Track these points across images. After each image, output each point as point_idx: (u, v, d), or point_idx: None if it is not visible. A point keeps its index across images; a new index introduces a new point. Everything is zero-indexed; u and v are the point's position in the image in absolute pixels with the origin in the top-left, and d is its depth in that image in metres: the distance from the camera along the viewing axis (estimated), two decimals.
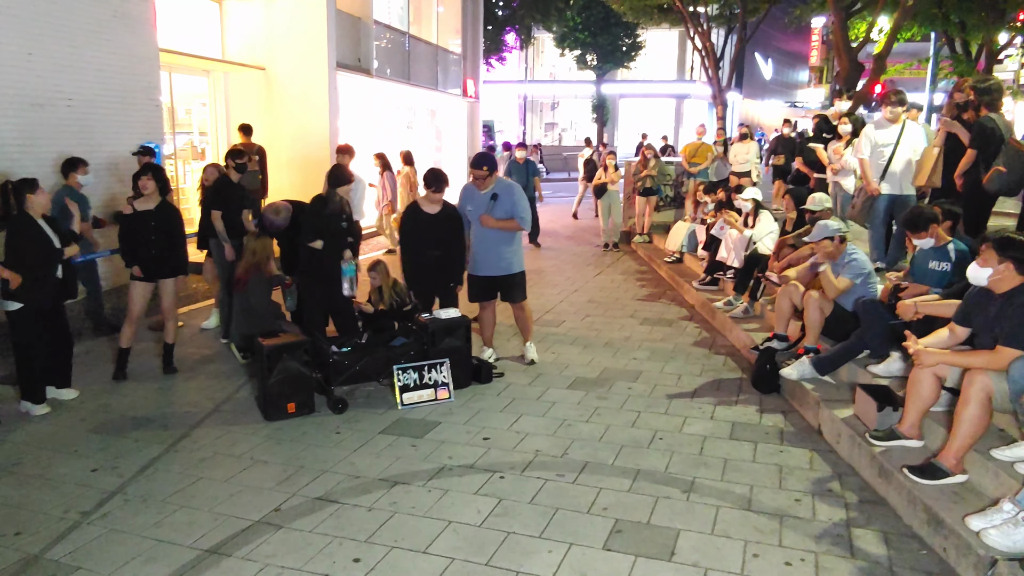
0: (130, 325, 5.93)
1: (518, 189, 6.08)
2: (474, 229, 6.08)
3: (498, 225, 5.93)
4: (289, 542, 3.59)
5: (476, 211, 6.00)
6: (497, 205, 5.93)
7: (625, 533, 3.65)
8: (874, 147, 6.94)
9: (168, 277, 5.99)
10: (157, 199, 5.85)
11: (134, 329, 6.00)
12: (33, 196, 5.08)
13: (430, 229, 5.97)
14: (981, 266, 3.79)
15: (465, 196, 6.14)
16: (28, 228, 5.07)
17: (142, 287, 5.89)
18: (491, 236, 6.02)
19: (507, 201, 5.94)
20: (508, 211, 5.93)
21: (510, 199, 5.95)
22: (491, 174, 6.01)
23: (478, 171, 5.96)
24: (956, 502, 3.54)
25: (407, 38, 16.94)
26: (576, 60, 34.80)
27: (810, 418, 5.03)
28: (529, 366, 6.26)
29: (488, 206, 5.94)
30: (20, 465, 4.42)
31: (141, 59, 8.56)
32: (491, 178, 6.02)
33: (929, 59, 22.91)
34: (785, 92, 51.77)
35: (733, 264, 7.87)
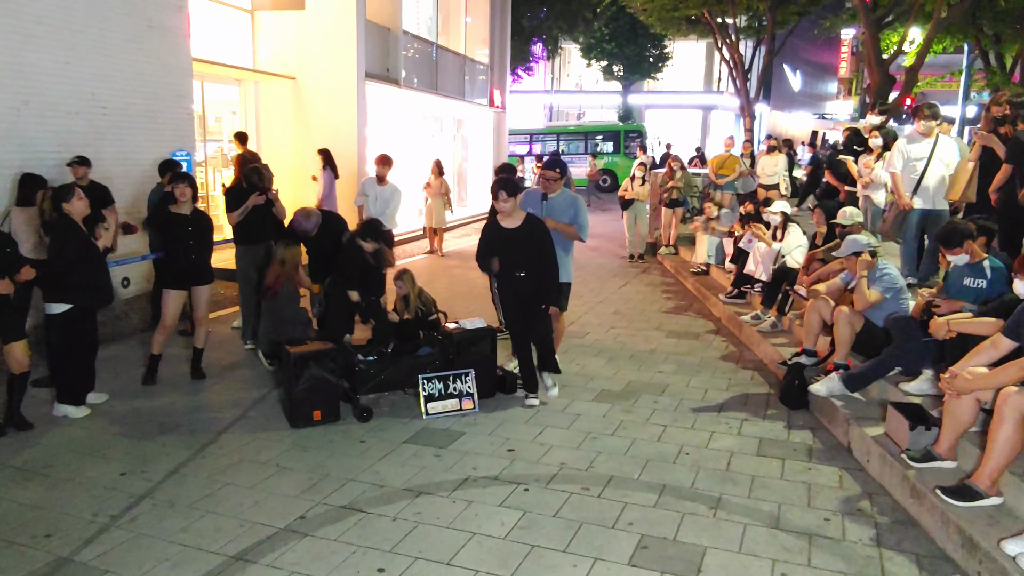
0: (163, 332, 6.01)
1: (581, 201, 6.06)
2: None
3: (557, 226, 5.78)
4: (314, 550, 3.60)
5: (535, 213, 5.93)
6: (554, 208, 5.86)
7: (651, 549, 3.61)
8: (907, 161, 6.85)
9: (203, 284, 6.05)
10: (191, 206, 5.92)
11: (167, 336, 6.08)
12: (69, 204, 5.18)
13: (513, 247, 5.40)
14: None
15: (526, 201, 6.00)
16: (72, 231, 5.18)
17: (177, 295, 5.95)
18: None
19: (568, 208, 5.88)
20: (570, 219, 5.87)
21: (573, 207, 5.90)
22: (562, 177, 5.99)
23: (550, 172, 5.91)
24: (991, 525, 3.46)
25: (435, 48, 17.06)
26: (603, 71, 34.83)
27: (839, 435, 4.95)
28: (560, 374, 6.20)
29: (542, 206, 5.87)
30: (52, 468, 4.48)
31: (174, 68, 8.69)
32: (561, 182, 5.98)
33: (962, 71, 22.61)
34: (814, 104, 51.32)
35: (761, 277, 7.79)
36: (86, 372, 5.43)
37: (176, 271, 5.90)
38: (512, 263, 5.43)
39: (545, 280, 5.45)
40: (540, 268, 5.41)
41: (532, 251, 5.36)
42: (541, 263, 5.41)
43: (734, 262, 8.93)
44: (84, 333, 5.30)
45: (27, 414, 5.13)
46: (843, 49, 47.96)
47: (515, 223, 5.41)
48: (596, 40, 33.60)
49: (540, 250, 5.40)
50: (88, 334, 5.40)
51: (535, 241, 5.38)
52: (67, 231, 5.14)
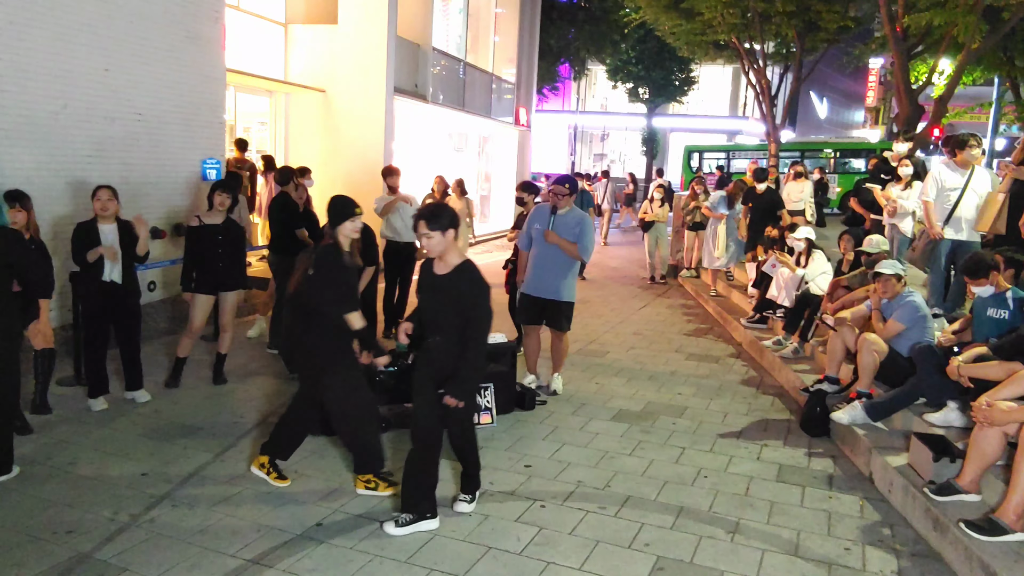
0: (190, 336, 6.09)
1: (589, 221, 6.07)
2: (534, 250, 6.08)
3: (559, 242, 5.83)
4: (330, 557, 3.61)
5: (541, 229, 5.96)
6: (561, 225, 5.89)
7: (667, 571, 3.58)
8: (940, 190, 6.77)
9: (231, 290, 6.14)
10: (224, 214, 6.02)
11: (193, 340, 6.16)
12: (93, 203, 5.42)
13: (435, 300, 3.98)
14: None
15: (535, 215, 6.12)
16: (80, 234, 5.36)
17: (205, 299, 6.04)
18: (549, 258, 5.96)
19: (575, 226, 5.90)
20: (575, 236, 5.90)
21: (579, 226, 5.91)
22: (572, 194, 6.00)
23: (560, 187, 5.94)
24: (1016, 561, 3.40)
25: (463, 65, 17.23)
26: (628, 93, 34.93)
27: (861, 465, 4.89)
28: (558, 395, 6.20)
29: (550, 220, 5.91)
30: (75, 465, 4.54)
31: (209, 78, 8.86)
32: (571, 198, 6.00)
33: (991, 104, 22.42)
34: (840, 132, 51.08)
35: (784, 303, 7.75)
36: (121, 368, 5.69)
37: (205, 277, 5.99)
38: (431, 322, 3.96)
39: (463, 355, 3.76)
40: (460, 336, 3.78)
41: (453, 309, 3.82)
42: (464, 329, 3.77)
43: (757, 287, 8.88)
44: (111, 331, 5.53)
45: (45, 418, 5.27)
46: (871, 78, 47.78)
47: (444, 268, 3.88)
48: (623, 62, 33.75)
49: (463, 310, 3.79)
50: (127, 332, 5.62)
51: (458, 297, 3.82)
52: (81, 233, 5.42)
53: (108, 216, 5.44)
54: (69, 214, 7.10)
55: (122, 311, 5.56)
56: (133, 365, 5.67)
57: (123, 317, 5.58)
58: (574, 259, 5.98)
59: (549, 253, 5.95)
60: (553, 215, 5.92)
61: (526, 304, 6.18)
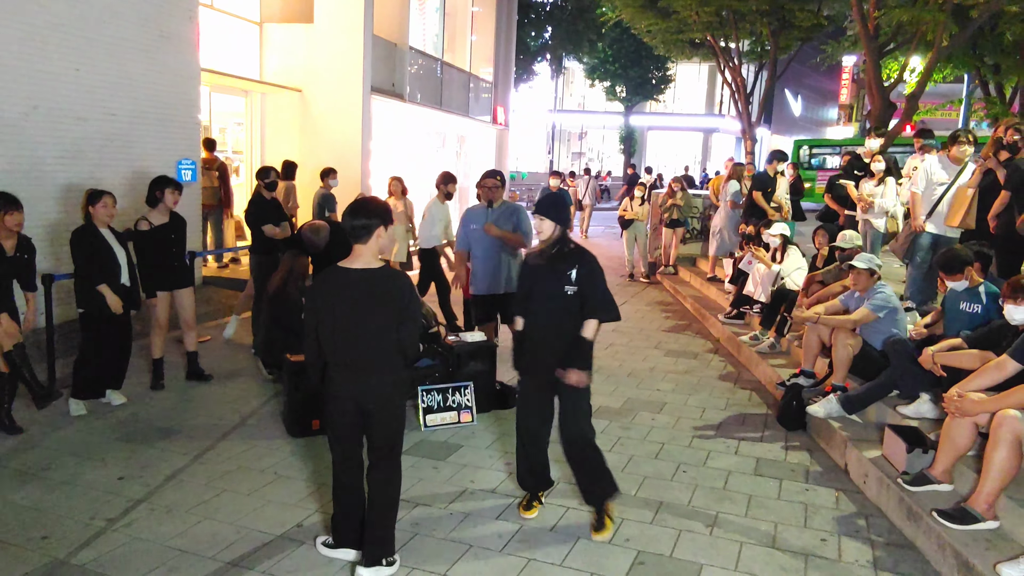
0: (159, 335, 6.06)
1: (523, 209, 6.12)
2: (475, 251, 6.08)
3: (502, 234, 5.83)
4: (311, 558, 3.60)
5: (479, 228, 5.98)
6: (499, 219, 5.90)
7: (647, 565, 3.61)
8: (929, 183, 6.85)
9: (187, 287, 6.18)
10: (169, 212, 5.98)
11: (163, 338, 6.12)
12: (94, 208, 5.34)
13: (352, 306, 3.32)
14: None
15: (469, 216, 6.13)
16: (87, 239, 5.32)
17: (165, 296, 6.03)
18: (493, 253, 5.97)
19: (511, 216, 5.92)
20: (513, 228, 5.91)
21: (515, 215, 5.95)
22: (504, 185, 6.06)
23: (491, 180, 5.95)
24: (988, 549, 3.47)
25: (440, 64, 17.20)
26: (606, 91, 35.08)
27: (837, 457, 4.96)
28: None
29: (487, 214, 5.92)
30: (49, 470, 4.48)
31: (183, 78, 8.78)
32: (502, 190, 6.05)
33: (962, 100, 22.77)
34: (814, 129, 51.64)
35: (760, 299, 7.83)
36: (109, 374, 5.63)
37: (164, 275, 5.99)
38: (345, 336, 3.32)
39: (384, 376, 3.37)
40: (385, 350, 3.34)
41: (376, 318, 3.29)
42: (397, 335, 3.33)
43: (733, 283, 8.97)
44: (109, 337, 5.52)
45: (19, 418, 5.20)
46: (844, 76, 48.31)
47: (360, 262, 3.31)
48: (600, 61, 33.88)
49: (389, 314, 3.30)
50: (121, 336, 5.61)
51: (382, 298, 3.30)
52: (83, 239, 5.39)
53: (106, 223, 5.46)
54: (40, 215, 7.01)
55: (126, 313, 5.57)
56: (123, 367, 5.67)
57: (125, 318, 5.58)
58: (519, 248, 6.01)
59: (492, 250, 5.96)
60: (488, 209, 5.94)
61: (478, 304, 6.19)
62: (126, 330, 5.64)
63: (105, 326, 5.41)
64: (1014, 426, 3.51)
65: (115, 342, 5.55)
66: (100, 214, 5.38)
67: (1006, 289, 4.15)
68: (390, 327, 3.32)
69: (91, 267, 5.31)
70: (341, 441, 3.45)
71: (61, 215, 7.24)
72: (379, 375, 3.35)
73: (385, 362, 3.36)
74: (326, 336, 3.33)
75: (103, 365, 5.51)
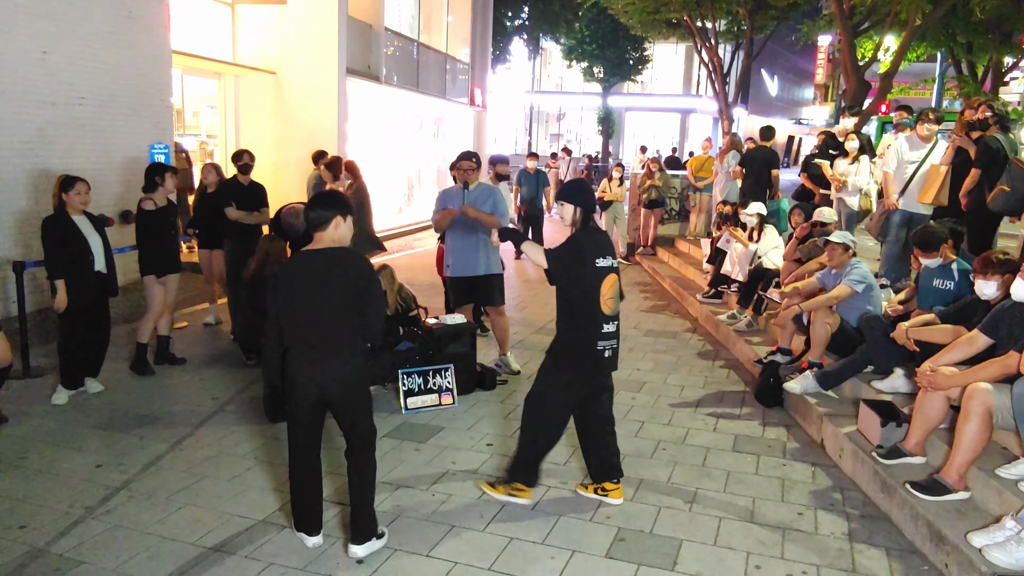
0: (152, 320, 6.06)
1: (498, 191, 6.11)
2: (451, 233, 6.04)
3: (479, 215, 5.78)
4: (293, 542, 3.60)
5: (457, 208, 5.91)
6: (475, 199, 5.87)
7: (628, 542, 3.66)
8: (901, 162, 6.93)
9: (177, 272, 6.22)
10: (165, 197, 6.00)
11: (155, 324, 6.13)
12: (67, 195, 5.26)
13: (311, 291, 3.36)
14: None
15: (445, 198, 6.08)
16: (58, 228, 5.23)
17: (161, 281, 6.04)
18: (469, 235, 5.95)
19: (488, 197, 5.89)
20: (490, 209, 5.87)
21: (491, 197, 5.92)
22: (480, 167, 6.03)
23: (467, 162, 5.91)
24: (959, 519, 3.55)
25: (416, 46, 17.03)
26: (583, 72, 34.98)
27: (813, 432, 5.04)
28: (519, 374, 6.21)
29: (463, 196, 5.88)
30: (26, 460, 4.43)
31: (154, 60, 8.62)
32: (478, 172, 6.02)
33: (935, 79, 22.99)
34: (790, 109, 51.96)
35: (737, 278, 7.90)
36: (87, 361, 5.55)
37: (164, 259, 6.04)
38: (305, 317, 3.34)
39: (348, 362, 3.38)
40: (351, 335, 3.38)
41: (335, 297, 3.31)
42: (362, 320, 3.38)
43: (711, 262, 9.03)
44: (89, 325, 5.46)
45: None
46: (820, 55, 48.55)
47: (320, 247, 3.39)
48: (577, 41, 33.74)
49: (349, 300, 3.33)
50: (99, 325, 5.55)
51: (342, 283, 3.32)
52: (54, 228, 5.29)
53: (81, 210, 5.37)
54: (9, 202, 6.89)
55: (102, 300, 5.51)
56: (101, 355, 5.61)
57: (102, 306, 5.52)
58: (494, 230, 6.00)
59: (469, 232, 5.94)
60: (465, 191, 5.92)
61: (455, 286, 6.17)
62: (103, 318, 5.57)
63: (80, 315, 5.33)
64: (984, 399, 3.59)
65: (92, 330, 5.47)
66: (74, 201, 5.29)
67: (977, 265, 4.22)
68: (351, 308, 3.34)
69: (58, 256, 5.21)
70: (302, 426, 3.47)
71: (30, 202, 7.11)
72: (340, 358, 3.36)
73: (346, 345, 3.37)
74: (287, 319, 3.35)
75: (82, 352, 5.44)
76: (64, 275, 5.21)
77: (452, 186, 6.18)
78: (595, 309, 3.80)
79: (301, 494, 3.54)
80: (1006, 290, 3.94)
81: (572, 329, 3.87)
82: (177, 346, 6.54)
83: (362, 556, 3.45)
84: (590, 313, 3.80)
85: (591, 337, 3.82)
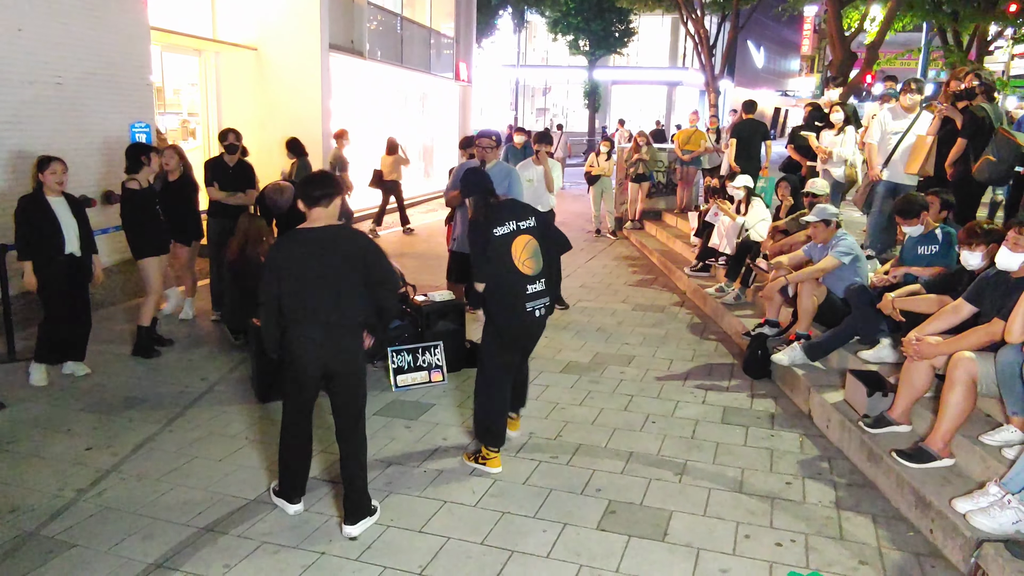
0: (153, 301, 6.02)
1: (516, 174, 6.07)
2: (459, 210, 6.04)
3: None
4: (285, 521, 3.61)
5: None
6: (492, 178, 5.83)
7: (619, 514, 3.69)
8: (884, 134, 6.94)
9: (166, 253, 6.18)
10: (148, 179, 5.95)
11: (155, 305, 6.09)
12: (43, 175, 5.16)
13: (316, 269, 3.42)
14: (1013, 251, 3.72)
15: (459, 175, 6.04)
16: (29, 209, 5.13)
17: (155, 262, 6.00)
18: None
19: (503, 179, 5.84)
20: (504, 190, 5.84)
21: (507, 178, 5.88)
22: (499, 145, 5.99)
23: (486, 140, 5.89)
24: (943, 485, 3.60)
25: (400, 20, 16.81)
26: (569, 45, 34.66)
27: (800, 403, 5.09)
28: None
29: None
30: (14, 443, 4.41)
31: (132, 37, 8.46)
32: (498, 150, 5.99)
33: (920, 49, 22.98)
34: (776, 81, 51.75)
35: (725, 251, 7.92)
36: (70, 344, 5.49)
37: (158, 238, 6.01)
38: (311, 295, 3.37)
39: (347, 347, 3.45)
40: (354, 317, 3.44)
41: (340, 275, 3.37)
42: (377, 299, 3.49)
43: (699, 235, 9.04)
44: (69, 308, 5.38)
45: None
46: (806, 26, 48.36)
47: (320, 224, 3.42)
48: (562, 14, 33.38)
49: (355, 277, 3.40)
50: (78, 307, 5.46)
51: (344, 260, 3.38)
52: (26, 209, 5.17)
53: (58, 190, 5.24)
54: None
55: (78, 284, 5.42)
56: (82, 338, 5.54)
57: (79, 290, 5.44)
58: None
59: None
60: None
61: (459, 261, 6.15)
62: (81, 301, 5.47)
63: (56, 296, 5.24)
64: (969, 367, 3.63)
65: (70, 313, 5.38)
66: (49, 181, 5.18)
67: (962, 235, 4.24)
68: (356, 285, 3.39)
69: (28, 238, 5.09)
70: (303, 400, 3.55)
71: (10, 183, 7.01)
72: (349, 333, 3.43)
73: (351, 322, 3.43)
74: (290, 296, 3.36)
75: (61, 332, 5.37)
76: (31, 256, 5.11)
77: (469, 162, 6.14)
78: (514, 273, 3.90)
79: (293, 461, 3.63)
80: (990, 259, 3.97)
81: (499, 299, 3.96)
82: (164, 327, 6.50)
83: (356, 535, 3.48)
84: (510, 279, 3.90)
85: (519, 302, 3.91)
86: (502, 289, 3.94)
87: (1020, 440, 3.63)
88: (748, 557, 3.34)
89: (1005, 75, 24.76)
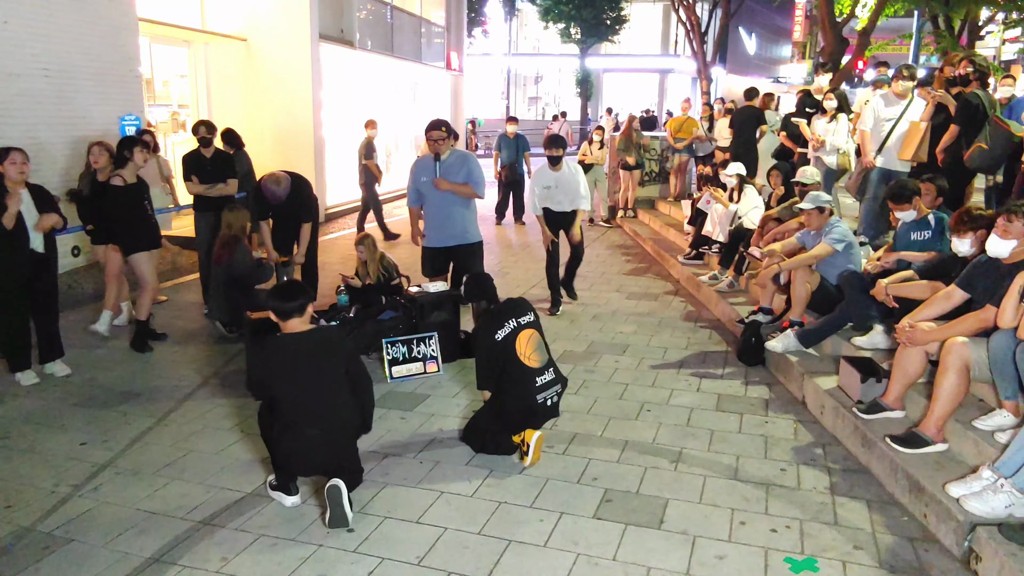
0: (149, 296, 5.98)
1: (473, 157, 6.03)
2: (426, 202, 5.98)
3: (451, 187, 5.75)
4: (282, 513, 3.61)
5: (429, 180, 5.86)
6: (447, 169, 5.81)
7: (615, 502, 3.71)
8: (877, 120, 6.94)
9: (157, 248, 6.18)
10: (136, 175, 5.84)
11: (152, 298, 6.06)
12: (3, 166, 4.96)
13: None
14: (1002, 238, 3.73)
15: (418, 169, 6.00)
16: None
17: (149, 255, 5.97)
18: (445, 205, 5.87)
19: (461, 167, 5.83)
20: (463, 178, 5.83)
21: (464, 166, 5.85)
22: (450, 136, 5.91)
23: (436, 132, 5.76)
24: (937, 470, 3.63)
25: (390, 9, 16.70)
26: (560, 33, 34.56)
27: (794, 390, 5.12)
28: None
29: (435, 168, 5.81)
30: (8, 439, 4.40)
31: (120, 28, 8.38)
32: (449, 141, 5.90)
33: (912, 35, 23.00)
34: (768, 68, 51.72)
35: (718, 239, 7.92)
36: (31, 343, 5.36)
37: (146, 234, 5.95)
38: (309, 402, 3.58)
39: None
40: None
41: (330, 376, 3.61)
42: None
43: (692, 224, 9.05)
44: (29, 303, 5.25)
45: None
46: (797, 12, 48.24)
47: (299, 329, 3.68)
48: (553, 2, 33.26)
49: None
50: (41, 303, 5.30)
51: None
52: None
53: (20, 181, 5.05)
54: None
55: (42, 281, 5.27)
56: (51, 336, 5.39)
57: (43, 287, 5.29)
58: (470, 199, 5.96)
59: (445, 200, 5.87)
60: (437, 162, 5.83)
61: (430, 256, 6.09)
62: (45, 298, 5.29)
63: (15, 294, 5.06)
64: (962, 353, 3.65)
65: (35, 311, 5.23)
66: (10, 171, 4.96)
67: (953, 222, 4.26)
68: (344, 386, 3.58)
69: None
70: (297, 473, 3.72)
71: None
72: (341, 436, 3.59)
73: (344, 422, 3.59)
74: (287, 401, 3.51)
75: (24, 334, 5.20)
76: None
77: (425, 156, 6.08)
78: (521, 369, 4.06)
79: (282, 472, 3.69)
80: (981, 246, 3.98)
81: (510, 391, 4.10)
82: (158, 321, 6.47)
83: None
84: (519, 375, 4.06)
85: (530, 393, 4.06)
86: (514, 385, 4.08)
87: (1012, 424, 3.66)
88: (743, 543, 3.36)
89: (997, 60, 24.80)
